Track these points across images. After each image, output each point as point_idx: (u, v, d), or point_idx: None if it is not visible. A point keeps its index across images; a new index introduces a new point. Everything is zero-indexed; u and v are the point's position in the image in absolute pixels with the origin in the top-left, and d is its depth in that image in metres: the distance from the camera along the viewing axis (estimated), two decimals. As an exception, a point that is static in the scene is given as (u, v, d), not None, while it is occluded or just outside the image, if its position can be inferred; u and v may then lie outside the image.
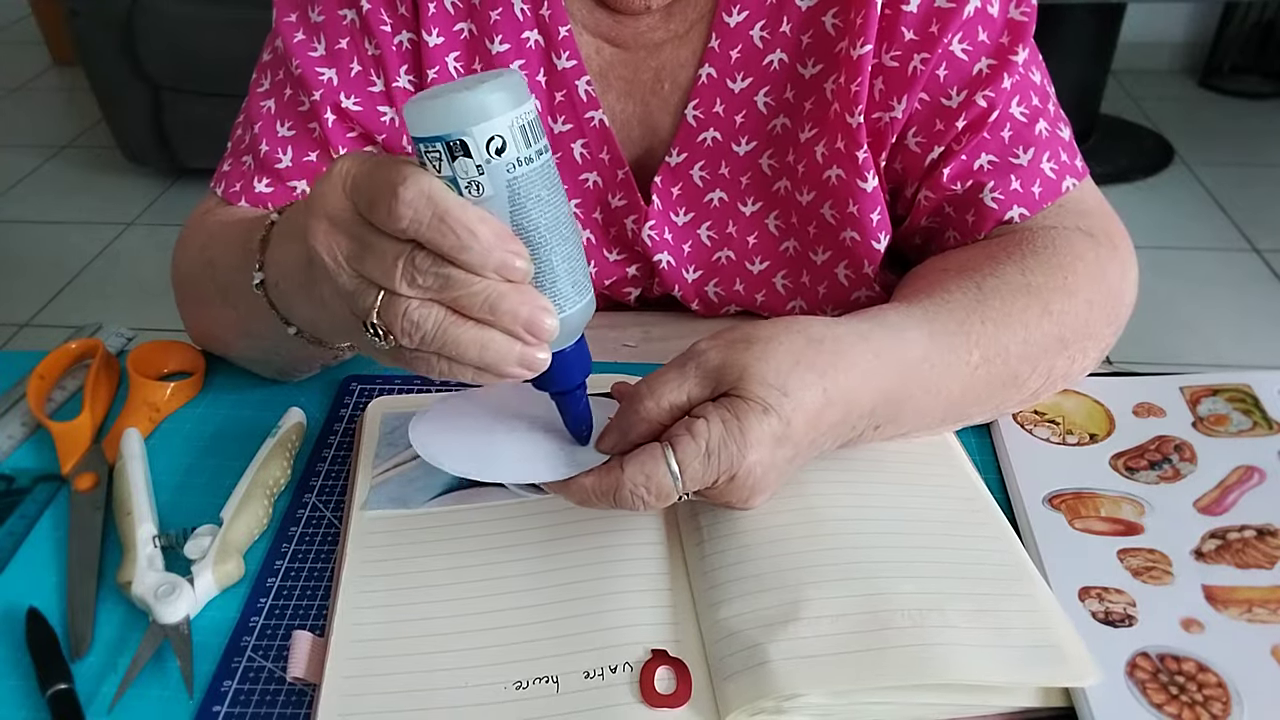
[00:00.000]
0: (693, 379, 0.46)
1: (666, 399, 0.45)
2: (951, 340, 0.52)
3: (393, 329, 0.40)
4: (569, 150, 0.66)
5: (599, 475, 0.45)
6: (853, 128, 0.60)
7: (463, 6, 0.63)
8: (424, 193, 0.38)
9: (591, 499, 0.45)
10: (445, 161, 0.38)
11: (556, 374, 0.44)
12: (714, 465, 0.43)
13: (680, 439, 0.44)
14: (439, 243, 0.38)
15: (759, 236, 0.67)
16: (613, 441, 0.46)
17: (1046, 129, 0.62)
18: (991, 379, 0.54)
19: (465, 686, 0.43)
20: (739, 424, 0.44)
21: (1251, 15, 2.94)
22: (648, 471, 0.43)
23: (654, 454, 0.44)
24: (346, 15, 0.63)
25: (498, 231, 0.38)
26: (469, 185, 0.39)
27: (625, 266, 0.70)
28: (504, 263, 0.39)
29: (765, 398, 0.44)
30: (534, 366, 0.41)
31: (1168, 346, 1.87)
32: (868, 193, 0.62)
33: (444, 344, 0.40)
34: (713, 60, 0.63)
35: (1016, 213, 0.61)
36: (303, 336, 0.52)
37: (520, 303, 0.39)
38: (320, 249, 0.41)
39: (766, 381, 0.44)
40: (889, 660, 0.42)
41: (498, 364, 0.40)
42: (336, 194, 0.41)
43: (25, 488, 0.57)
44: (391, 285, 0.39)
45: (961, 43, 0.59)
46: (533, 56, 0.63)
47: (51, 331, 2.05)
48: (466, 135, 0.38)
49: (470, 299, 0.39)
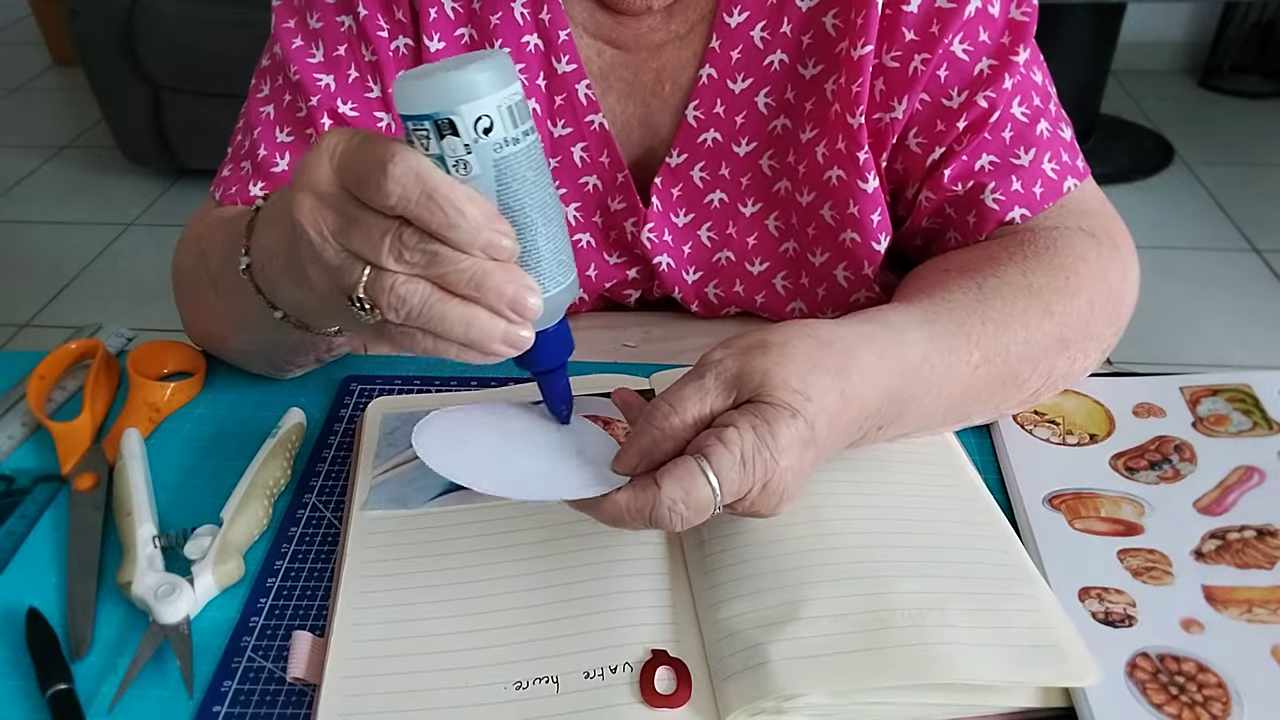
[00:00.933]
0: (713, 390, 0.44)
1: (690, 413, 0.44)
2: (952, 341, 0.52)
3: (379, 304, 0.40)
4: (569, 154, 0.66)
5: (634, 493, 0.43)
6: (854, 128, 0.60)
7: (463, 12, 0.63)
8: (413, 170, 0.38)
9: (625, 518, 0.43)
10: (433, 140, 0.39)
11: (539, 353, 0.44)
12: (749, 473, 0.42)
13: (713, 449, 0.42)
14: (427, 220, 0.38)
15: (759, 237, 0.67)
16: (635, 461, 0.44)
17: (1048, 129, 0.62)
18: (992, 379, 0.54)
19: (465, 686, 0.43)
20: (769, 429, 0.42)
21: (1251, 15, 2.94)
22: (685, 486, 0.42)
23: (689, 468, 0.42)
24: (344, 22, 0.63)
25: (485, 211, 0.39)
26: (456, 164, 0.39)
27: (625, 269, 0.70)
28: (490, 241, 0.39)
29: (790, 402, 0.43)
30: (518, 344, 0.41)
31: (1168, 346, 1.87)
32: (868, 194, 0.62)
33: (430, 319, 0.40)
34: (713, 61, 0.63)
35: (1018, 213, 0.61)
36: (289, 321, 0.52)
37: (506, 281, 0.40)
38: (306, 223, 0.41)
39: (789, 386, 0.44)
40: (889, 660, 0.42)
41: (483, 341, 0.40)
42: (323, 169, 0.41)
43: (25, 488, 0.57)
44: (379, 260, 0.40)
45: (962, 43, 0.59)
46: (533, 61, 0.63)
47: (51, 331, 2.05)
48: (455, 114, 0.38)
49: (457, 276, 0.39)
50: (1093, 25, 2.43)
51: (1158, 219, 2.31)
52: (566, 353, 0.46)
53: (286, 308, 0.51)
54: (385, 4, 0.62)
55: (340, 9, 0.63)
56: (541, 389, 0.47)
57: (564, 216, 0.43)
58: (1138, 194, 2.43)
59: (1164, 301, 1.99)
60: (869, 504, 0.50)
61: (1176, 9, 3.04)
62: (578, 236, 0.69)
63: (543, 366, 0.46)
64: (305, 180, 0.41)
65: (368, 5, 0.62)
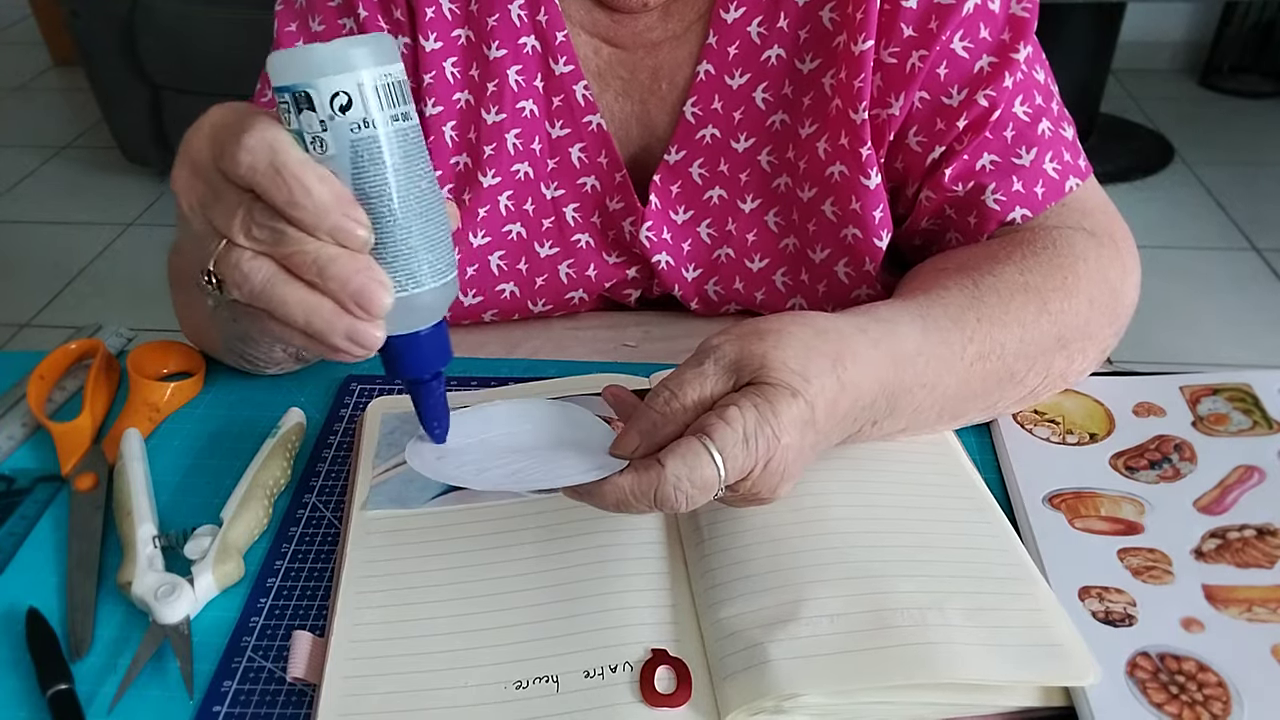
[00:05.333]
0: (712, 374, 0.45)
1: (690, 396, 0.44)
2: (945, 335, 0.52)
3: (226, 279, 0.39)
4: (567, 154, 0.66)
5: (637, 474, 0.42)
6: (856, 124, 0.60)
7: (460, 13, 0.63)
8: (266, 142, 0.37)
9: (630, 500, 0.43)
10: (293, 114, 0.37)
11: (404, 359, 0.42)
12: (753, 450, 0.42)
13: (716, 427, 0.42)
14: (272, 194, 0.37)
15: (758, 234, 0.67)
16: (634, 444, 0.44)
17: (1049, 128, 0.61)
18: (987, 375, 0.54)
19: (465, 686, 0.43)
20: (771, 407, 0.43)
21: (1251, 15, 2.94)
22: (690, 464, 0.41)
23: (693, 446, 0.42)
24: (346, 24, 0.63)
25: (338, 194, 0.37)
26: (313, 140, 0.38)
27: (624, 269, 0.70)
28: (338, 225, 0.37)
29: (790, 382, 0.44)
30: (364, 343, 0.39)
31: (1168, 346, 1.87)
32: (871, 190, 0.62)
33: (270, 301, 0.39)
34: (710, 57, 0.63)
35: (1019, 213, 0.61)
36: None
37: (353, 270, 0.38)
38: (180, 194, 0.41)
39: (789, 367, 0.44)
40: (890, 659, 0.42)
41: (323, 333, 0.39)
42: (201, 140, 0.40)
43: (25, 488, 0.57)
44: (230, 233, 0.39)
45: (962, 40, 0.59)
46: (530, 62, 0.64)
47: (51, 331, 2.05)
48: (311, 87, 0.37)
49: (300, 258, 0.38)
50: (1093, 25, 2.43)
51: (1158, 219, 2.31)
52: (441, 362, 0.43)
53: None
54: (384, 4, 0.62)
55: (342, 11, 0.63)
56: (413, 400, 0.44)
57: (446, 211, 0.42)
58: (1138, 194, 2.43)
59: (1164, 301, 1.99)
60: (869, 503, 0.50)
61: (1176, 9, 3.04)
62: (576, 237, 0.69)
63: (411, 374, 0.43)
64: (184, 152, 0.41)
65: (367, 6, 0.62)
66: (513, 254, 0.68)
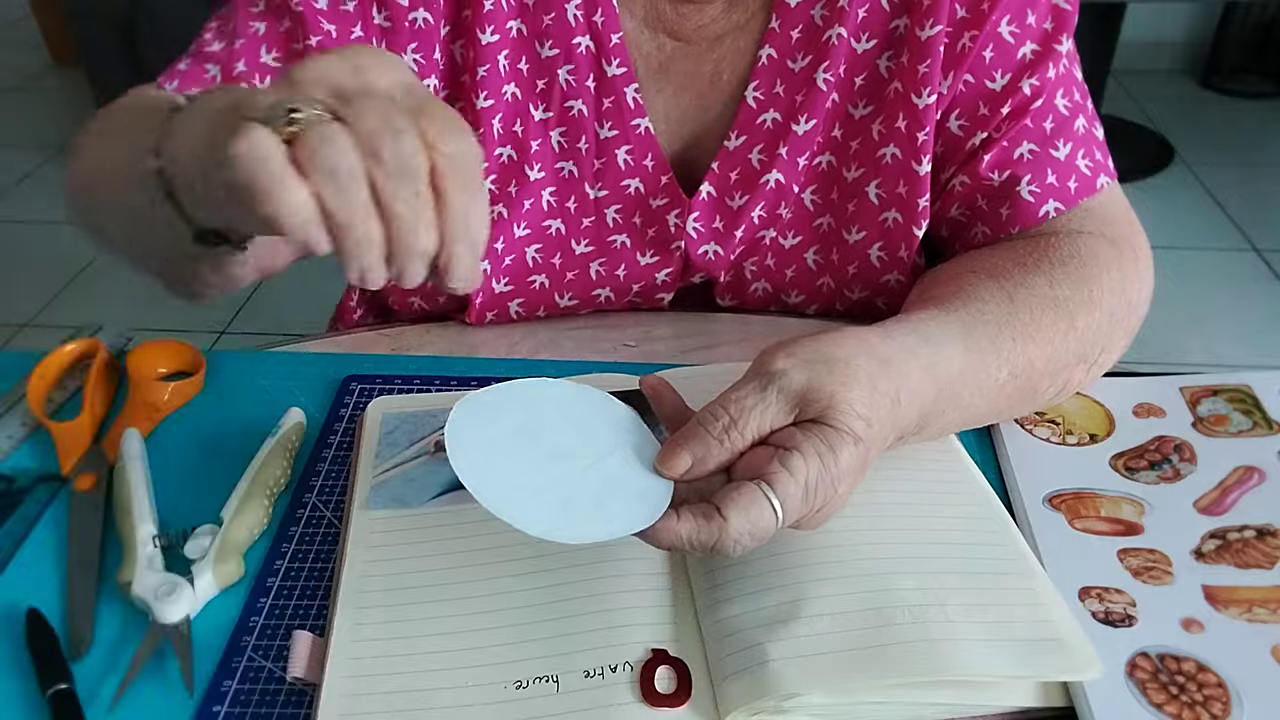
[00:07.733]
0: (774, 404, 0.44)
1: (750, 427, 0.43)
2: (984, 358, 0.52)
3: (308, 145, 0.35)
4: (613, 156, 0.66)
5: (698, 525, 0.41)
6: (918, 109, 0.60)
7: (516, 3, 0.63)
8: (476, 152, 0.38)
9: (685, 547, 0.42)
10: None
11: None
12: (811, 499, 0.42)
13: (778, 477, 0.41)
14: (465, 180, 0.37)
15: (794, 211, 0.67)
16: (685, 465, 0.44)
17: (1084, 125, 0.62)
18: (1013, 394, 0.54)
19: (465, 686, 0.43)
20: (834, 457, 0.42)
21: (1251, 15, 2.94)
22: (753, 518, 0.41)
23: (755, 497, 0.41)
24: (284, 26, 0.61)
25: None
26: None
27: (655, 271, 0.69)
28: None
29: (855, 429, 0.43)
30: (404, 280, 0.38)
31: (1168, 346, 1.87)
32: (920, 176, 0.62)
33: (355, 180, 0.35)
34: (773, 41, 0.63)
35: (1052, 206, 0.61)
36: (164, 176, 0.45)
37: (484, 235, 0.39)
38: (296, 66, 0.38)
39: (855, 411, 0.43)
40: (891, 657, 0.42)
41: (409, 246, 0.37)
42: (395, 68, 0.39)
43: (25, 488, 0.57)
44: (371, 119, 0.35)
45: (1010, 24, 0.59)
46: (583, 62, 0.64)
47: (51, 331, 2.05)
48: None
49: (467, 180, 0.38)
50: (1093, 25, 2.43)
51: (1158, 219, 2.31)
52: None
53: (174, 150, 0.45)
54: (363, 9, 0.61)
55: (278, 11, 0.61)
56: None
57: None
58: (1138, 194, 2.40)
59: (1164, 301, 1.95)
60: (869, 501, 0.50)
61: (1176, 9, 3.04)
62: (613, 237, 0.68)
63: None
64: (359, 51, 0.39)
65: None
66: (549, 248, 0.68)
